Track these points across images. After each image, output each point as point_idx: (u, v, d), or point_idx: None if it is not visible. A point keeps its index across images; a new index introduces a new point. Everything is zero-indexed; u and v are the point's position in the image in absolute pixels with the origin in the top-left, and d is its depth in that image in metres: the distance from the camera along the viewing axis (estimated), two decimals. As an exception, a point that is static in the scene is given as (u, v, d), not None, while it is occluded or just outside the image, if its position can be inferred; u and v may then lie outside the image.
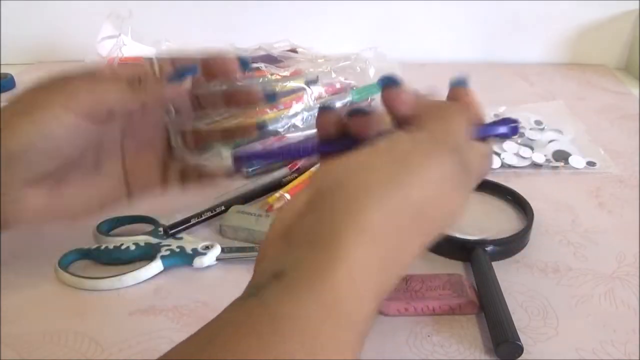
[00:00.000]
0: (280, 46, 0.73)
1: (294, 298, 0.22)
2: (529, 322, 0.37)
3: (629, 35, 0.86)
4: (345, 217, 0.24)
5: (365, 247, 0.24)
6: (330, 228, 0.24)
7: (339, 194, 0.25)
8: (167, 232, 0.44)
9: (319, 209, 0.25)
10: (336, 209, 0.25)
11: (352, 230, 0.24)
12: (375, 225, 0.24)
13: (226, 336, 0.22)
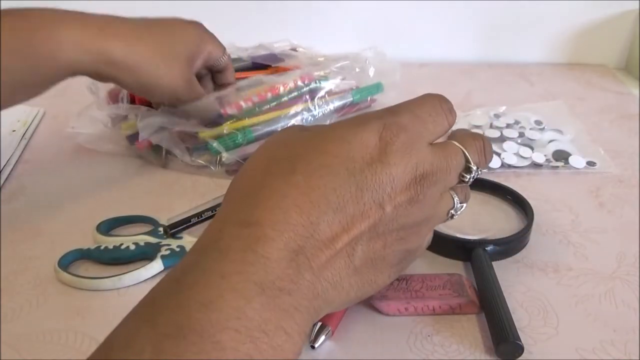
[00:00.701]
0: (281, 46, 0.73)
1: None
2: (529, 321, 0.37)
3: (629, 35, 0.86)
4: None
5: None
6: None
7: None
8: (167, 231, 0.44)
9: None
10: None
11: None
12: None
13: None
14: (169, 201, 0.50)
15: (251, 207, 0.27)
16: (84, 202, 0.51)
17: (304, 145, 0.29)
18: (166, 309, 0.24)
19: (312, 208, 0.27)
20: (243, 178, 0.30)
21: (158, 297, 0.25)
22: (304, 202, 0.27)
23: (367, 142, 0.29)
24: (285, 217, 0.27)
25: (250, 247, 0.26)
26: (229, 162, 0.54)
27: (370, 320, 0.37)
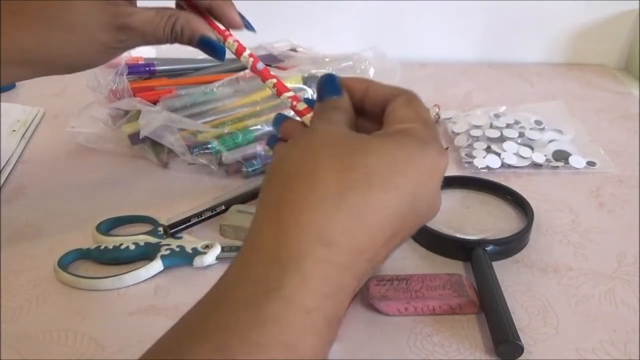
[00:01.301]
0: (281, 46, 0.73)
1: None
2: (529, 321, 0.37)
3: (629, 35, 0.86)
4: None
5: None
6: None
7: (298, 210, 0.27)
8: (167, 231, 0.44)
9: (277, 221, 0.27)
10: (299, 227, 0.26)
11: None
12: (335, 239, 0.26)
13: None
14: (169, 201, 0.50)
15: (329, 219, 0.26)
16: (84, 202, 0.51)
17: (376, 157, 0.28)
18: (246, 343, 0.23)
19: (381, 234, 0.27)
20: (309, 172, 0.27)
21: (234, 324, 0.24)
22: (376, 226, 0.27)
23: (435, 167, 0.30)
24: (359, 242, 0.27)
25: (330, 277, 0.25)
26: (229, 162, 0.54)
27: (370, 320, 0.37)
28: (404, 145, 0.29)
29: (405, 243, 0.45)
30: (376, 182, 0.27)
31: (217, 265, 0.42)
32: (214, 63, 0.72)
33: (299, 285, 0.25)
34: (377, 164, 0.27)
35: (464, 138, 0.60)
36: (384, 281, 0.38)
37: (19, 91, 0.80)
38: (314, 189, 0.26)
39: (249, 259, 0.26)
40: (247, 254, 0.27)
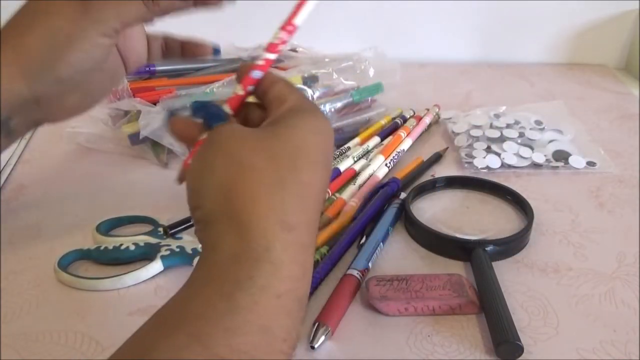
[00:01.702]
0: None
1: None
2: (529, 322, 0.37)
3: (629, 35, 0.86)
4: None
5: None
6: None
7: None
8: (167, 232, 0.44)
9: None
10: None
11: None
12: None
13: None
14: (169, 201, 0.50)
15: (283, 204, 0.27)
16: (84, 202, 0.51)
17: (290, 141, 0.29)
18: (221, 329, 0.24)
19: (320, 205, 0.30)
20: (246, 167, 0.28)
21: (209, 312, 0.24)
22: (316, 201, 0.29)
23: (327, 130, 0.31)
24: (310, 219, 0.28)
25: (297, 260, 0.27)
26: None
27: (370, 320, 0.37)
28: (303, 120, 0.30)
29: (405, 243, 0.45)
30: (299, 162, 0.29)
31: (217, 266, 0.42)
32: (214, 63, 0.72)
33: (271, 272, 0.26)
34: (292, 145, 0.29)
35: (464, 138, 0.60)
36: (384, 281, 0.38)
37: (19, 91, 0.80)
38: (257, 180, 0.27)
39: (215, 259, 0.27)
40: (211, 255, 0.27)
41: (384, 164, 0.55)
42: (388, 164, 0.55)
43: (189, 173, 0.30)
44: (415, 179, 0.53)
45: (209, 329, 0.24)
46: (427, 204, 0.50)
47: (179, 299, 0.26)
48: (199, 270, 0.27)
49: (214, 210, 0.28)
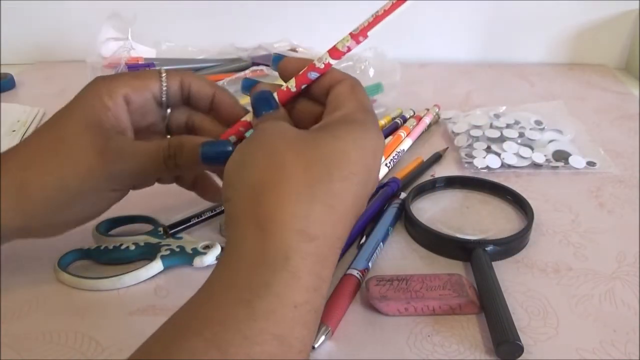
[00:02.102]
0: (281, 46, 0.73)
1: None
2: (529, 322, 0.37)
3: (629, 35, 0.86)
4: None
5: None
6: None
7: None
8: (167, 231, 0.44)
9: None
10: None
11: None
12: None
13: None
14: (169, 201, 0.50)
15: (307, 214, 0.27)
16: (84, 202, 0.50)
17: (330, 149, 0.29)
18: (240, 336, 0.24)
19: (348, 220, 0.29)
20: (278, 169, 0.28)
21: (228, 319, 0.24)
22: (344, 214, 0.29)
23: (377, 148, 0.32)
24: (335, 232, 0.28)
25: (316, 271, 0.27)
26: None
27: (370, 320, 0.37)
28: (349, 133, 0.30)
29: (405, 243, 0.45)
30: (335, 172, 0.28)
31: (217, 266, 0.42)
32: (214, 63, 0.73)
33: (289, 281, 0.25)
34: (332, 155, 0.29)
35: (464, 138, 0.60)
36: (384, 281, 0.38)
37: (18, 91, 0.81)
38: (286, 185, 0.27)
39: (236, 262, 0.26)
40: (232, 257, 0.27)
41: (384, 164, 0.55)
42: (388, 164, 0.55)
43: (229, 162, 0.30)
44: (415, 179, 0.53)
45: (227, 336, 0.24)
46: (427, 204, 0.50)
47: (197, 302, 0.26)
48: (220, 271, 0.27)
49: (243, 208, 0.28)
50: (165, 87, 0.38)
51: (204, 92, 0.39)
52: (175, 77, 0.39)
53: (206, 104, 0.40)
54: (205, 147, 0.36)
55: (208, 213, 0.47)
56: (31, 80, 0.84)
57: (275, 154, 0.28)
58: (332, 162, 0.29)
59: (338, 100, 0.33)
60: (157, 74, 0.38)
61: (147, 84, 0.38)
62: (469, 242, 0.43)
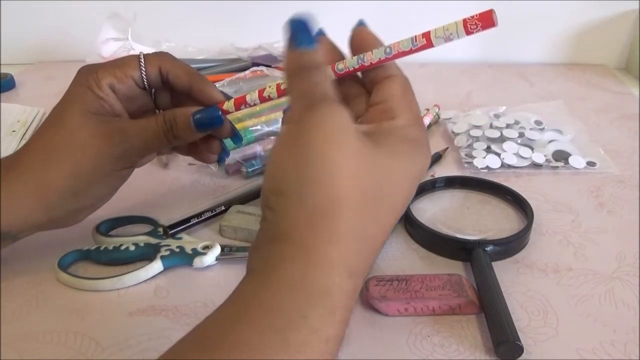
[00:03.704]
0: (281, 46, 0.73)
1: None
2: (529, 322, 0.37)
3: (629, 35, 0.86)
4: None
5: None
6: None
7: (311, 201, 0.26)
8: (167, 232, 0.44)
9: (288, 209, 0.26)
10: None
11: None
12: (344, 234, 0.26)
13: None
14: (168, 202, 0.51)
15: (354, 252, 0.26)
16: (84, 202, 0.51)
17: (386, 173, 0.28)
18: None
19: (381, 247, 0.30)
20: (335, 201, 0.26)
21: (259, 346, 0.23)
22: (380, 244, 0.29)
23: (423, 170, 0.31)
24: (370, 264, 0.29)
25: (349, 306, 0.26)
26: (229, 162, 0.54)
27: (370, 320, 0.37)
28: (405, 155, 0.29)
29: (405, 243, 0.45)
30: (384, 206, 0.28)
31: (217, 266, 0.42)
32: (214, 63, 0.72)
33: (325, 317, 0.25)
34: (385, 184, 0.28)
35: (464, 138, 0.60)
36: (384, 281, 0.38)
37: (19, 91, 0.81)
38: (341, 221, 0.26)
39: (275, 284, 0.25)
40: (272, 276, 0.25)
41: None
42: (388, 164, 0.55)
43: (275, 157, 0.27)
44: (415, 179, 0.53)
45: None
46: (427, 204, 0.50)
47: (229, 316, 0.25)
48: (255, 287, 0.26)
49: (294, 228, 0.26)
50: (145, 74, 0.40)
51: (180, 82, 0.41)
52: (154, 63, 0.40)
53: (185, 90, 0.41)
54: (197, 115, 0.40)
55: (208, 213, 0.47)
56: (31, 80, 0.84)
57: (334, 180, 0.25)
58: (384, 192, 0.27)
59: (391, 104, 0.31)
60: (136, 60, 0.40)
61: (128, 72, 0.39)
62: (469, 242, 0.43)
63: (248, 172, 0.54)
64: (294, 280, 0.25)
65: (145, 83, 0.40)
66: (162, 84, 0.41)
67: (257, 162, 0.54)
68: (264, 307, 0.24)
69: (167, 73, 0.40)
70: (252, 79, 0.61)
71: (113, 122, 0.39)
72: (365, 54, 0.33)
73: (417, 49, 0.32)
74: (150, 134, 0.39)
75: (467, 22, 0.33)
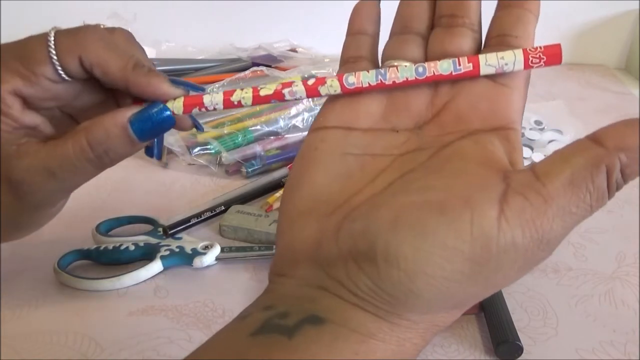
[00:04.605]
0: (280, 46, 0.73)
1: (332, 351, 0.21)
2: (529, 322, 0.37)
3: (629, 35, 0.86)
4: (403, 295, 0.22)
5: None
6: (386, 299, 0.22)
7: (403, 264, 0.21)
8: (167, 232, 0.44)
9: (367, 267, 0.22)
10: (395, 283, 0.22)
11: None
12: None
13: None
14: (168, 201, 0.51)
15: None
16: (84, 202, 0.50)
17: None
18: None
19: None
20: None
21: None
22: None
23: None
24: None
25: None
26: (228, 162, 0.54)
27: (370, 320, 0.37)
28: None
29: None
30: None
31: (217, 266, 0.42)
32: (214, 63, 0.72)
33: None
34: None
35: (463, 138, 0.60)
36: (384, 281, 0.38)
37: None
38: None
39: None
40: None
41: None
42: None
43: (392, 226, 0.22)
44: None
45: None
46: (427, 204, 0.49)
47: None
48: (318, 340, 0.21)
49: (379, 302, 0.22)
50: (61, 69, 0.29)
51: (110, 78, 0.29)
52: (71, 52, 0.28)
53: (119, 87, 0.30)
54: (136, 123, 0.29)
55: (207, 213, 0.47)
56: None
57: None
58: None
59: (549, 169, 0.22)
60: (44, 49, 0.28)
61: (36, 68, 0.28)
62: (469, 242, 0.43)
63: (248, 172, 0.54)
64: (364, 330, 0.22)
65: (64, 77, 0.29)
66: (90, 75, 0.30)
67: (257, 163, 0.54)
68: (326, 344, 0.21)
69: (91, 66, 0.29)
70: (252, 79, 0.61)
71: (12, 172, 0.28)
72: (388, 69, 0.27)
73: (458, 75, 0.26)
74: (66, 168, 0.29)
75: (528, 55, 0.28)
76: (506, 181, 0.22)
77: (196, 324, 0.36)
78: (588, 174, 0.21)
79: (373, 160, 0.26)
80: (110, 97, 0.32)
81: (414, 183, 0.24)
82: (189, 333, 0.36)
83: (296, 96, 0.28)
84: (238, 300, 0.39)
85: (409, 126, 0.27)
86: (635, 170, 0.21)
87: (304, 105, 0.58)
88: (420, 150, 0.26)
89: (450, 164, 0.24)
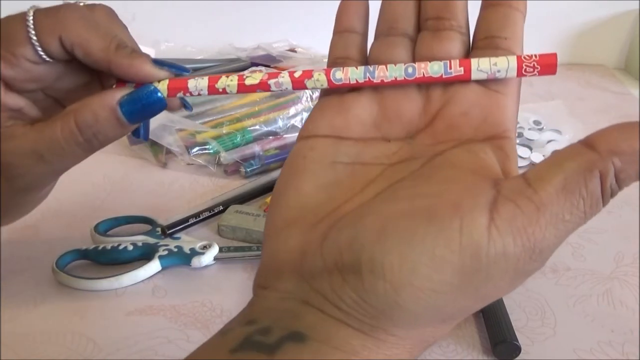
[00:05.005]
0: (280, 46, 0.73)
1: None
2: (527, 322, 0.37)
3: (629, 35, 0.86)
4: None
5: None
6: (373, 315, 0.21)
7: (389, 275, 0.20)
8: (165, 232, 0.44)
9: (356, 281, 0.21)
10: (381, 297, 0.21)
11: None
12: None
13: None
14: (167, 201, 0.51)
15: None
16: (82, 202, 0.51)
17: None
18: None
19: None
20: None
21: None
22: None
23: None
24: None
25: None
26: (227, 162, 0.54)
27: (368, 320, 0.37)
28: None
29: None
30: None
31: (215, 266, 0.42)
32: (213, 63, 0.72)
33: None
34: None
35: (462, 138, 0.60)
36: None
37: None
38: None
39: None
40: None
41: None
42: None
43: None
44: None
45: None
46: (426, 204, 0.49)
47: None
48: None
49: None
50: (41, 49, 0.28)
51: (93, 59, 0.28)
52: (51, 32, 0.28)
53: (102, 69, 0.29)
54: (126, 104, 0.28)
55: (206, 213, 0.47)
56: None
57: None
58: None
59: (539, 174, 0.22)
60: (24, 30, 0.27)
61: (16, 50, 0.28)
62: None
63: (246, 172, 0.54)
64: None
65: (46, 58, 0.28)
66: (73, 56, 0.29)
67: (256, 163, 0.54)
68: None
69: (72, 47, 0.28)
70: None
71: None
72: (377, 67, 0.26)
73: (448, 78, 0.26)
74: (55, 151, 0.28)
75: (522, 62, 0.26)
76: (496, 188, 0.21)
77: (194, 324, 0.36)
78: (581, 179, 0.21)
79: (363, 169, 0.25)
80: (95, 78, 0.31)
81: (403, 191, 0.23)
82: (187, 333, 0.36)
83: (282, 87, 0.27)
84: (236, 300, 0.39)
85: (401, 135, 0.26)
86: (629, 175, 0.21)
87: (303, 105, 0.58)
88: (412, 160, 0.25)
89: (441, 172, 0.24)
